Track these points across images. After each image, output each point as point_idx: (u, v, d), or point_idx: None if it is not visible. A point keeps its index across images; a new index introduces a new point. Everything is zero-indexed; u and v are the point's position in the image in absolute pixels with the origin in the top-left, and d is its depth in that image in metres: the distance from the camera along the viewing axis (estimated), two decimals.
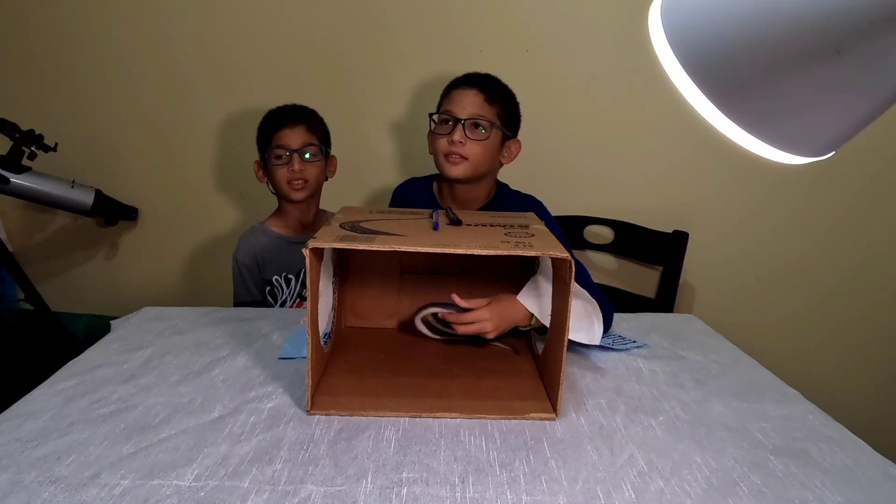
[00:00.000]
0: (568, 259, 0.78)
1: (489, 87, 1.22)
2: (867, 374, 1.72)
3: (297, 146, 1.30)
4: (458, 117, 1.19)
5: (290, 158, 1.30)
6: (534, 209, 1.23)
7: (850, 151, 0.54)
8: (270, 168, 1.33)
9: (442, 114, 1.22)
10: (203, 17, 1.57)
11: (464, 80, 1.24)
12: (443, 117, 1.22)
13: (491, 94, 1.22)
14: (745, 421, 0.84)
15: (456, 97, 1.21)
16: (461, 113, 1.19)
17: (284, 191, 1.33)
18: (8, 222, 1.74)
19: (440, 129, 1.22)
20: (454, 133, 1.19)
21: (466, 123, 1.18)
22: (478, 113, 1.20)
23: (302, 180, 1.32)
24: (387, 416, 0.81)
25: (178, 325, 1.12)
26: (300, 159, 1.31)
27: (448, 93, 1.24)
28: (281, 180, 1.31)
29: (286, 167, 1.30)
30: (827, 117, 0.41)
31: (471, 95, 1.21)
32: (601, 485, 0.68)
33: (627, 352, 1.06)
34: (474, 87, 1.21)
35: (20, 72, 1.63)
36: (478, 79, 1.23)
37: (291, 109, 1.35)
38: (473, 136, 1.19)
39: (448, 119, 1.20)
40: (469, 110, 1.19)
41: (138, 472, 0.68)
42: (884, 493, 0.69)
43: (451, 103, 1.21)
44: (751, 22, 0.38)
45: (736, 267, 1.67)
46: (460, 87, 1.23)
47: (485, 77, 1.24)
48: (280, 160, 1.30)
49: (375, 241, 0.79)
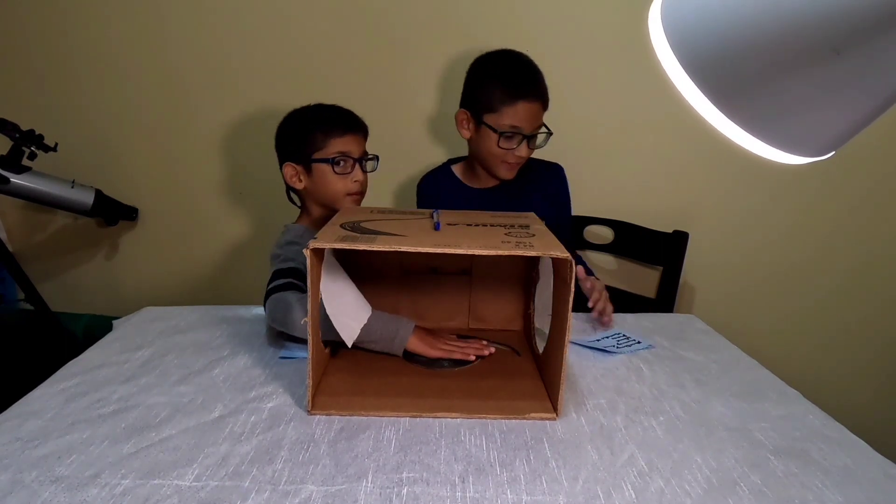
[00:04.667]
0: (568, 259, 0.78)
1: (545, 93, 1.26)
2: (867, 374, 1.72)
3: (358, 155, 1.18)
4: (525, 133, 1.23)
5: (353, 168, 1.17)
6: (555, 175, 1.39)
7: (850, 151, 0.54)
8: (322, 175, 1.16)
9: (509, 130, 1.23)
10: (203, 18, 1.57)
11: (529, 91, 1.23)
12: (509, 132, 1.23)
13: (546, 99, 1.26)
14: (745, 421, 0.84)
15: (522, 111, 1.22)
16: (528, 129, 1.23)
17: (340, 202, 1.18)
18: (8, 222, 1.74)
19: (505, 143, 1.24)
20: (521, 148, 1.25)
21: (531, 138, 1.24)
22: (539, 124, 1.26)
23: (360, 193, 1.20)
24: (387, 415, 0.81)
25: (179, 324, 1.12)
26: (361, 169, 1.19)
27: (512, 101, 1.22)
28: (339, 190, 1.17)
29: (348, 177, 1.17)
30: (827, 117, 0.41)
31: (535, 108, 1.24)
32: (601, 485, 0.68)
33: (631, 353, 1.06)
34: (538, 100, 1.24)
35: (20, 72, 1.63)
36: (539, 89, 1.25)
37: (347, 114, 1.21)
38: (534, 146, 1.27)
39: (515, 134, 1.24)
40: (534, 124, 1.24)
41: (139, 472, 0.68)
42: (884, 493, 0.69)
43: (517, 118, 1.23)
44: (751, 22, 0.38)
45: (736, 267, 1.67)
46: (527, 99, 1.22)
47: (541, 82, 1.26)
48: (341, 168, 1.16)
49: (376, 241, 0.79)
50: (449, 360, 0.96)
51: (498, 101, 1.23)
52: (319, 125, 1.18)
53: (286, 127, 1.22)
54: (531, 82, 1.24)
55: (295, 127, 1.21)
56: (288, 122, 1.22)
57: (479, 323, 1.14)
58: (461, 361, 0.97)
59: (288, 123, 1.22)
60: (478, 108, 1.27)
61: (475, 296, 1.13)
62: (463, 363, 0.97)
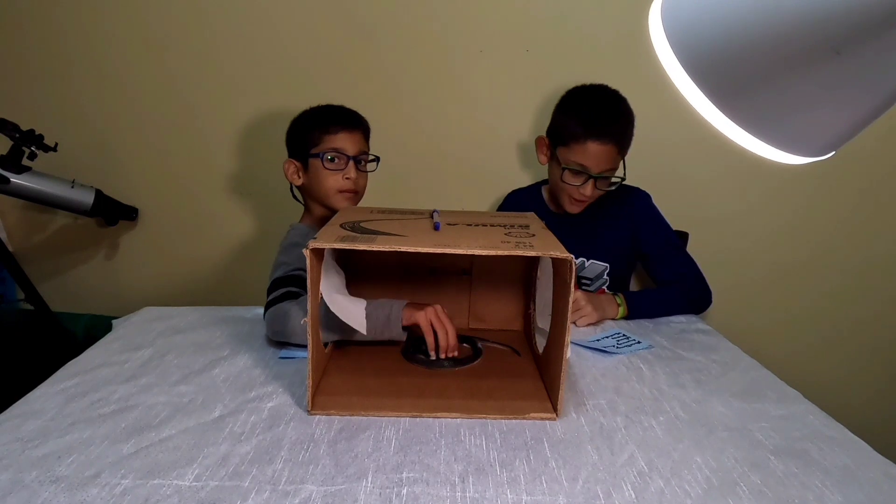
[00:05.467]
0: (568, 259, 0.78)
1: (623, 138, 1.24)
2: (867, 374, 1.72)
3: (353, 153, 1.18)
4: (592, 174, 1.23)
5: (345, 165, 1.18)
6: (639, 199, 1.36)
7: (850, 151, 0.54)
8: (316, 171, 1.19)
9: (575, 167, 1.23)
10: (203, 18, 1.57)
11: (602, 131, 1.21)
12: (576, 170, 1.23)
13: (623, 143, 1.24)
14: (745, 421, 0.84)
15: (592, 151, 1.21)
16: (595, 169, 1.23)
17: (332, 199, 1.19)
18: (8, 222, 1.74)
19: (570, 178, 1.24)
20: (585, 187, 1.24)
21: (599, 177, 1.23)
22: (610, 167, 1.25)
23: (353, 191, 1.20)
24: (387, 415, 0.81)
25: (179, 324, 1.12)
26: (356, 167, 1.19)
27: (583, 140, 1.21)
28: (331, 187, 1.18)
29: (339, 174, 1.18)
30: (827, 117, 0.41)
31: (606, 151, 1.22)
32: (601, 485, 0.68)
33: (631, 353, 1.06)
34: (611, 142, 1.22)
35: (20, 72, 1.63)
36: (615, 131, 1.23)
37: (347, 112, 1.23)
38: (602, 187, 1.26)
39: (581, 172, 1.23)
40: (603, 165, 1.23)
41: (139, 472, 0.68)
42: (884, 493, 0.69)
43: (586, 157, 1.22)
44: (751, 22, 0.38)
45: (736, 267, 1.67)
46: (599, 140, 1.21)
47: (621, 126, 1.24)
48: (333, 164, 1.17)
49: (376, 241, 0.79)
50: (449, 359, 0.96)
51: (570, 135, 1.23)
52: (317, 122, 1.20)
53: (291, 125, 1.25)
54: (607, 123, 1.22)
55: (297, 125, 1.24)
56: (294, 120, 1.25)
57: (479, 323, 1.14)
58: (461, 361, 0.97)
59: (294, 122, 1.25)
60: (554, 138, 1.28)
61: (475, 296, 1.13)
62: (463, 363, 0.97)
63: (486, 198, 1.64)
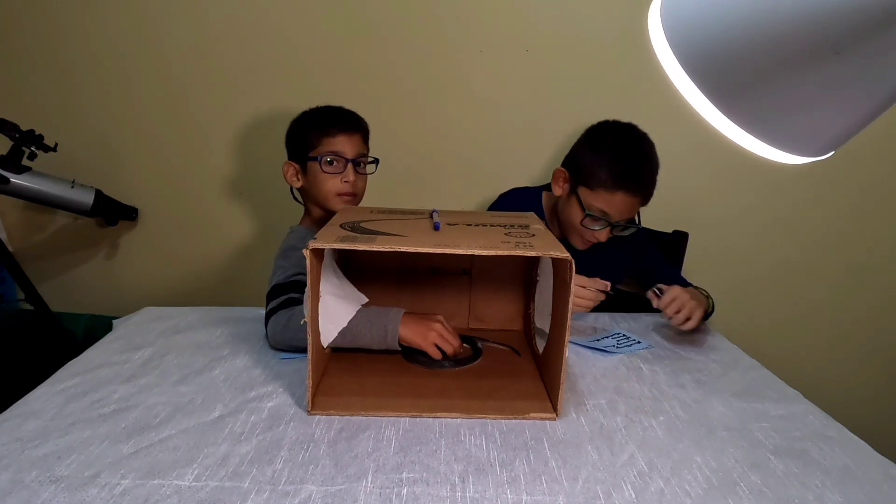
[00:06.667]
0: (568, 259, 0.78)
1: (651, 189, 1.20)
2: (867, 373, 1.72)
3: (352, 156, 1.17)
4: (612, 222, 1.20)
5: (344, 168, 1.17)
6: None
7: (849, 151, 0.54)
8: (315, 174, 1.18)
9: (597, 214, 1.19)
10: (203, 18, 1.57)
11: (634, 185, 1.17)
12: (597, 216, 1.19)
13: (650, 195, 1.20)
14: (745, 421, 0.84)
15: (619, 202, 1.17)
16: (617, 217, 1.19)
17: (330, 202, 1.18)
18: (8, 222, 1.74)
19: (589, 222, 1.21)
20: (601, 233, 1.21)
21: (617, 225, 1.21)
22: (631, 217, 1.22)
23: (352, 194, 1.19)
24: (387, 416, 0.81)
25: (179, 324, 1.12)
26: (354, 170, 1.18)
27: (612, 190, 1.16)
28: (329, 189, 1.17)
29: (338, 177, 1.17)
30: (826, 117, 0.41)
31: (633, 202, 1.19)
32: (601, 485, 0.68)
33: (631, 353, 1.06)
34: (640, 195, 1.19)
35: (20, 72, 1.63)
36: (647, 184, 1.19)
37: (346, 114, 1.22)
38: (616, 233, 1.23)
39: (601, 218, 1.20)
40: (625, 215, 1.20)
41: (138, 472, 0.68)
42: (884, 493, 0.69)
43: (611, 206, 1.18)
44: (750, 22, 0.38)
45: (736, 267, 1.67)
46: (629, 192, 1.17)
47: (652, 178, 1.20)
48: (332, 167, 1.16)
49: (376, 241, 0.79)
50: (449, 360, 0.96)
51: (598, 181, 1.17)
52: (315, 124, 1.19)
53: (290, 127, 1.24)
54: (639, 176, 1.18)
55: (296, 127, 1.23)
56: (293, 122, 1.24)
57: (479, 323, 1.14)
58: (461, 361, 0.97)
59: (292, 124, 1.24)
60: (577, 176, 1.22)
61: (475, 296, 1.14)
62: (463, 363, 0.97)
63: (486, 198, 1.63)
